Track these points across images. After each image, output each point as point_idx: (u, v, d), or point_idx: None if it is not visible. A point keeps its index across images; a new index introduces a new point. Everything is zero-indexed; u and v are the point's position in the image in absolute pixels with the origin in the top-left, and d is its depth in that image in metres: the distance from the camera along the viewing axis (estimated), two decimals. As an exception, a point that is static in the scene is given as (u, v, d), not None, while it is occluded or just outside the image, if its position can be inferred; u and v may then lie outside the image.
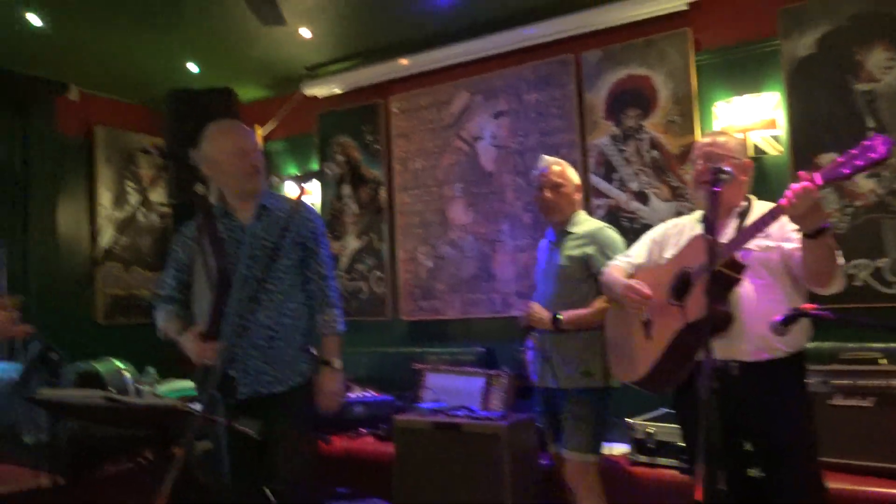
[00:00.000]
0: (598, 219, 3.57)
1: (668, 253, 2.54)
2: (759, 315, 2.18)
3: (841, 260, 2.14)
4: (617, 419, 3.29)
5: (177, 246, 2.74)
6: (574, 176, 3.18)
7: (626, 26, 4.11)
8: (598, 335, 2.89)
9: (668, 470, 3.13)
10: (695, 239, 2.38)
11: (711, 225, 2.12)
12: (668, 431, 3.16)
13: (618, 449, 3.39)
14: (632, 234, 3.95)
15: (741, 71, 3.84)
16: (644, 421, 3.29)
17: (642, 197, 4.05)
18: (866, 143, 1.87)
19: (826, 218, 2.01)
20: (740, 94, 3.78)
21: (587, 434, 2.92)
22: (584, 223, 3.14)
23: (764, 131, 3.68)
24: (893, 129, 3.38)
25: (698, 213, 2.56)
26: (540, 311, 3.03)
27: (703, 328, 2.11)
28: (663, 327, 2.36)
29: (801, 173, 1.94)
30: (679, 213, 3.87)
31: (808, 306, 2.03)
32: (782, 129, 3.67)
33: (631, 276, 2.61)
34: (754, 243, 2.22)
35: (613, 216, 4.08)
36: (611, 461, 3.28)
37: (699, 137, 3.87)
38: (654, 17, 4.01)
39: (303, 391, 2.65)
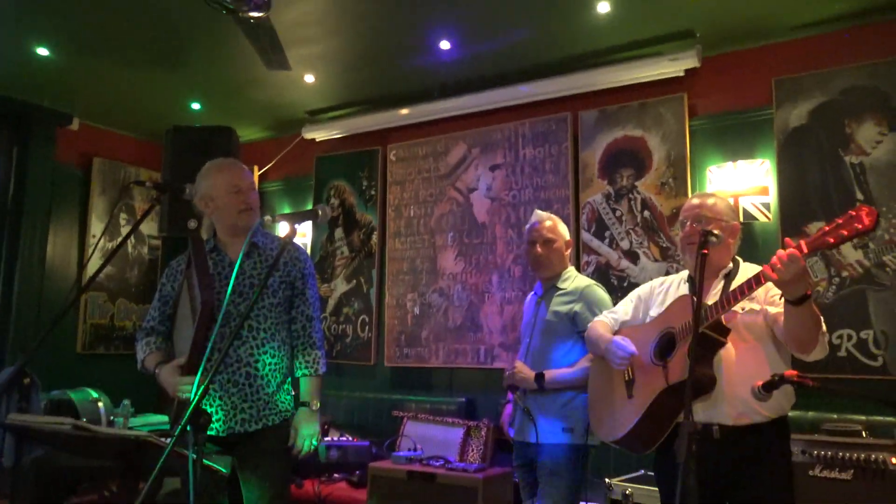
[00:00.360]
0: (588, 275, 3.57)
1: (654, 311, 2.52)
2: (742, 379, 2.16)
3: (824, 328, 2.13)
4: (596, 478, 3.23)
5: (165, 278, 2.74)
6: (565, 231, 3.19)
7: (624, 88, 4.19)
8: (580, 395, 2.87)
9: (644, 533, 3.06)
10: (680, 299, 2.37)
11: (697, 286, 2.11)
12: (646, 493, 3.10)
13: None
14: (620, 291, 3.96)
15: (734, 137, 3.91)
16: (622, 482, 3.23)
17: (632, 256, 4.06)
18: (852, 213, 1.88)
19: (810, 286, 2.01)
20: (733, 160, 3.83)
21: (563, 491, 2.85)
22: (573, 279, 3.12)
23: (755, 197, 3.72)
24: (881, 202, 3.41)
25: (685, 273, 2.56)
26: (523, 370, 2.99)
27: (684, 390, 2.08)
28: (645, 387, 2.33)
29: (788, 240, 1.96)
30: (668, 274, 3.88)
31: (790, 373, 2.01)
32: (772, 196, 3.71)
33: (616, 332, 2.59)
34: (739, 306, 2.21)
35: (603, 273, 4.08)
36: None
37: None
38: (652, 81, 4.09)
39: (279, 431, 2.60)
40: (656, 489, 3.09)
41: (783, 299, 2.04)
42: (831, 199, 3.55)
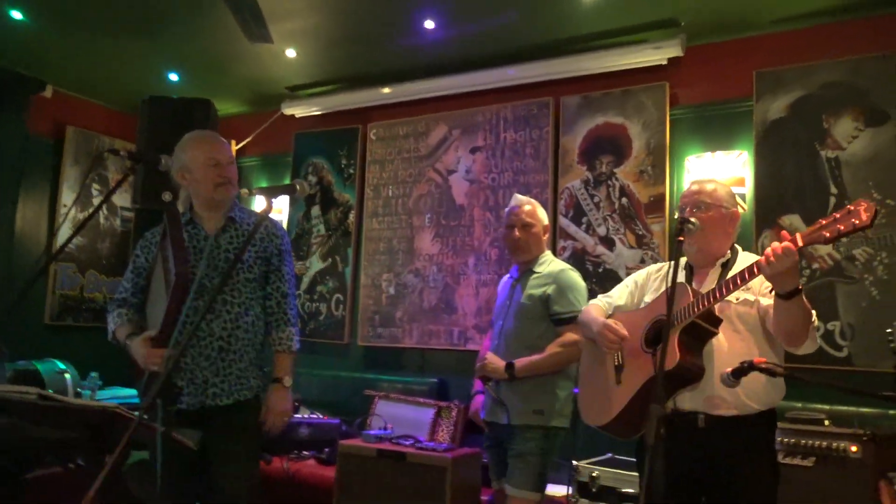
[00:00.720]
0: (564, 260, 3.58)
1: (649, 297, 2.47)
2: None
3: (815, 322, 2.10)
4: (563, 461, 3.26)
5: (139, 250, 2.70)
6: (544, 216, 3.19)
7: (606, 75, 4.19)
8: (551, 377, 2.91)
9: (608, 515, 3.11)
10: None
11: (671, 273, 2.08)
12: (613, 476, 3.14)
13: (559, 490, 3.35)
14: (595, 278, 3.99)
15: (714, 128, 3.94)
16: (589, 464, 3.26)
17: (608, 242, 4.08)
18: (850, 207, 1.83)
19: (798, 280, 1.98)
20: (712, 150, 3.86)
21: (532, 472, 2.87)
22: (549, 263, 3.13)
23: (732, 188, 3.73)
24: (855, 197, 3.45)
25: (683, 261, 2.46)
26: (494, 360, 2.99)
27: (672, 380, 2.08)
28: (634, 374, 2.28)
29: (784, 233, 1.92)
30: (643, 261, 3.92)
31: (759, 360, 2.01)
32: (749, 187, 3.74)
33: (609, 316, 2.53)
34: (734, 296, 2.17)
35: (579, 259, 4.10)
36: (549, 501, 3.24)
37: (668, 188, 3.94)
38: (634, 69, 4.09)
39: (250, 406, 2.59)
40: (622, 472, 3.15)
41: (774, 293, 2.01)
42: (806, 193, 3.59)
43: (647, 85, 4.08)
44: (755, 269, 2.01)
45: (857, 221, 1.81)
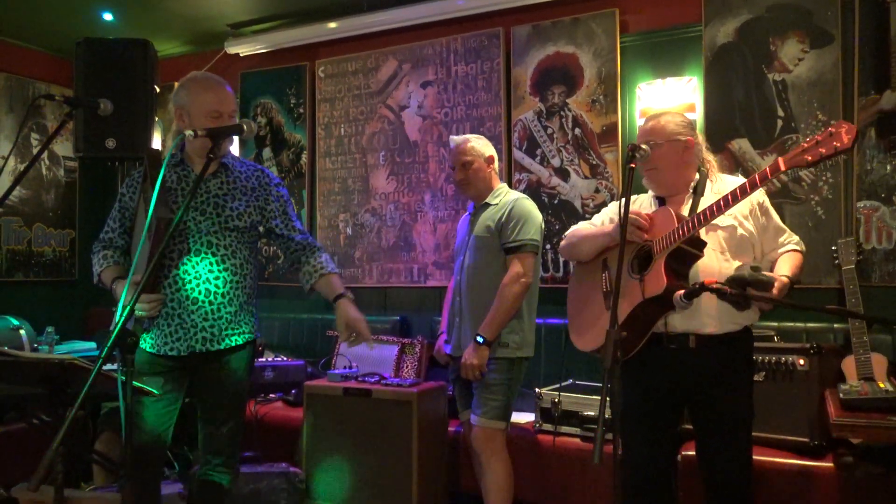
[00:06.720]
0: (520, 192, 3.60)
1: None
2: None
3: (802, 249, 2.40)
4: (526, 389, 3.35)
5: (125, 188, 2.61)
6: (484, 148, 3.18)
7: (556, 3, 4.12)
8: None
9: (571, 438, 3.22)
10: (661, 211, 2.33)
11: (624, 205, 2.11)
12: (574, 401, 3.24)
13: (526, 418, 3.45)
14: (551, 209, 4.03)
15: (664, 55, 3.92)
16: (551, 391, 3.35)
17: (563, 173, 4.10)
18: (831, 130, 1.87)
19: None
20: (662, 77, 3.86)
21: (497, 402, 2.95)
22: (505, 195, 3.16)
23: (684, 114, 3.76)
24: (800, 119, 3.52)
25: (651, 194, 2.54)
26: (470, 360, 2.93)
27: (660, 302, 2.15)
28: (622, 299, 2.27)
29: (768, 168, 1.98)
30: (598, 191, 3.96)
31: (709, 281, 2.07)
32: (699, 113, 3.77)
33: None
34: (718, 219, 2.23)
35: (534, 191, 4.12)
36: (516, 429, 3.34)
37: (621, 117, 3.95)
38: (584, -4, 4.04)
39: (241, 352, 2.55)
40: (583, 396, 3.26)
41: None
42: (754, 116, 3.63)
43: (597, 12, 4.03)
44: (738, 194, 2.08)
45: (839, 144, 1.86)
